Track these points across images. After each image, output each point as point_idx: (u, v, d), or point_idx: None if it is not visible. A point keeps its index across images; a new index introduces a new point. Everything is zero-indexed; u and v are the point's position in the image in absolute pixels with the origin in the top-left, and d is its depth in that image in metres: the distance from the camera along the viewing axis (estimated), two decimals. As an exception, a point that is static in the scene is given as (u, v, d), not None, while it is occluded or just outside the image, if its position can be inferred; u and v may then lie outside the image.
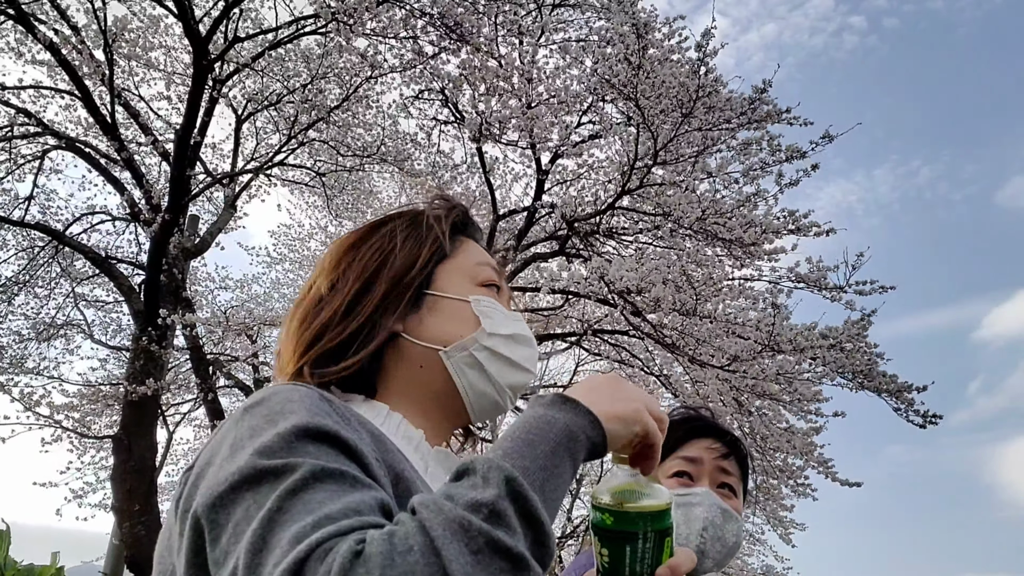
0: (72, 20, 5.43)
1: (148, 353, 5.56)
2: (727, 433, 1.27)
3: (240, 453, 0.58)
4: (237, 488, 0.55)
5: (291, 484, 0.53)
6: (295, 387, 0.66)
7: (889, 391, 4.85)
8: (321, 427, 0.59)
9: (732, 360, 4.66)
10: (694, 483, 1.21)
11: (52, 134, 6.42)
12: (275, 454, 0.56)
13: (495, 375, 0.81)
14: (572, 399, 0.65)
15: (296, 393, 0.64)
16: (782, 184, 4.90)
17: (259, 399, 0.64)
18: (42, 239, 7.28)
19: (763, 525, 9.39)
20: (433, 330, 0.81)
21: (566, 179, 6.09)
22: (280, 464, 0.55)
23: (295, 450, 0.56)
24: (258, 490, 0.54)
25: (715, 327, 4.68)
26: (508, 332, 0.83)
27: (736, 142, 5.04)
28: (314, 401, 0.63)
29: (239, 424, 0.62)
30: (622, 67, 4.51)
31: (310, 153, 7.50)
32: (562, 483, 0.61)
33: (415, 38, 5.19)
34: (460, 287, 0.84)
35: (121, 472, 5.43)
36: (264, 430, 0.59)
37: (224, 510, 0.55)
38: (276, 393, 0.64)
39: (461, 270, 0.86)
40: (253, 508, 0.54)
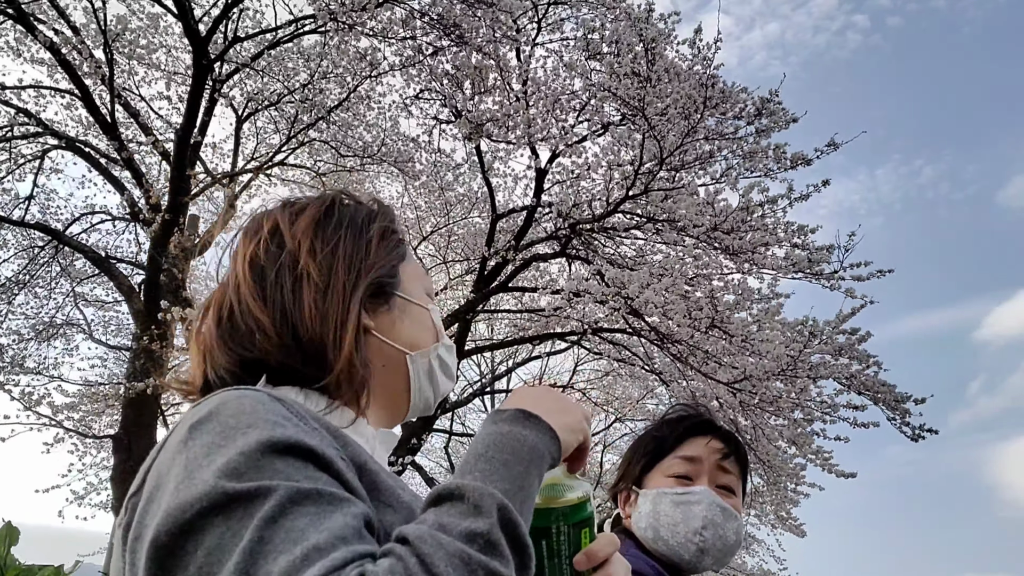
0: (72, 20, 5.43)
1: (148, 352, 5.56)
2: (726, 432, 1.27)
3: (200, 474, 0.54)
4: (205, 514, 0.52)
5: (268, 511, 0.51)
6: (242, 394, 0.62)
7: (886, 401, 4.87)
8: (286, 440, 0.56)
9: (742, 378, 4.66)
10: (693, 482, 1.21)
11: (52, 134, 6.42)
12: (242, 476, 0.53)
13: (439, 383, 0.85)
14: (534, 415, 0.66)
15: (247, 401, 0.61)
16: (791, 198, 4.89)
17: (206, 413, 0.60)
18: (42, 239, 7.28)
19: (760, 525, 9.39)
20: (403, 332, 0.81)
21: (565, 179, 6.09)
22: (252, 488, 0.52)
23: (263, 469, 0.54)
24: (230, 516, 0.52)
25: (731, 344, 4.67)
26: (449, 344, 0.87)
27: (742, 150, 5.04)
28: (269, 408, 0.60)
29: (189, 443, 0.58)
30: (629, 79, 4.50)
31: (310, 153, 7.50)
32: (532, 501, 0.62)
33: (414, 38, 5.19)
34: (420, 293, 0.85)
35: (121, 472, 5.43)
36: (222, 448, 0.56)
37: (192, 537, 0.52)
38: (224, 404, 0.61)
39: (418, 277, 0.87)
40: (228, 537, 0.51)
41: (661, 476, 1.24)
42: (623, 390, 9.85)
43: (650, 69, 4.44)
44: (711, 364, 4.86)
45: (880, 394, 4.89)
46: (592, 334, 6.04)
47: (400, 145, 6.63)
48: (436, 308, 0.87)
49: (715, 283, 4.97)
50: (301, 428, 0.60)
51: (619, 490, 1.31)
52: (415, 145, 6.60)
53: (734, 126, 4.87)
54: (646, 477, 1.26)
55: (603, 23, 5.06)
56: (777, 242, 4.93)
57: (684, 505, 1.18)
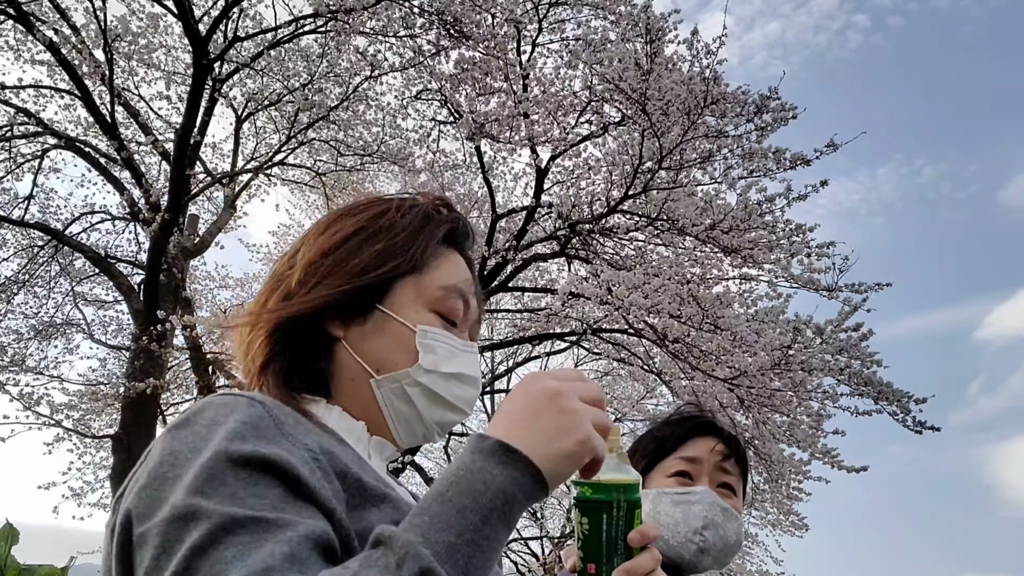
0: (72, 20, 5.43)
1: (148, 352, 5.56)
2: (727, 433, 1.27)
3: (164, 488, 0.56)
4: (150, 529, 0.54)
5: (199, 539, 0.51)
6: (223, 401, 0.64)
7: (888, 399, 4.87)
8: (242, 454, 0.56)
9: (739, 375, 4.65)
10: (694, 482, 1.21)
11: (52, 133, 6.42)
12: (188, 492, 0.54)
13: (423, 411, 0.78)
14: (513, 449, 0.58)
15: (224, 410, 0.62)
16: (790, 198, 4.89)
17: (185, 420, 0.62)
18: (42, 238, 7.28)
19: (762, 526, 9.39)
20: (372, 351, 0.77)
21: (565, 179, 6.09)
22: (189, 510, 0.53)
23: (209, 487, 0.54)
24: (167, 537, 0.53)
25: (723, 340, 4.66)
26: (449, 371, 0.78)
27: (741, 150, 5.04)
28: (243, 417, 0.60)
29: (163, 448, 0.60)
30: (631, 72, 4.49)
31: (310, 153, 7.50)
32: (493, 553, 0.56)
33: (414, 36, 5.19)
34: (413, 310, 0.79)
35: (120, 471, 5.43)
36: (186, 461, 0.57)
37: (138, 549, 0.55)
38: (203, 410, 0.62)
39: (421, 290, 0.80)
40: (163, 559, 0.52)
41: (662, 476, 1.24)
42: (623, 390, 9.86)
43: (651, 61, 4.43)
44: (709, 361, 4.85)
45: (881, 392, 4.89)
46: (592, 334, 6.04)
47: (399, 144, 6.63)
48: (436, 330, 0.79)
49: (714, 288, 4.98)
50: (268, 438, 0.60)
51: (620, 490, 1.31)
52: (415, 144, 6.60)
53: (734, 123, 4.87)
54: (647, 477, 1.26)
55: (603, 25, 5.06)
56: (776, 242, 4.93)
57: (684, 505, 1.18)
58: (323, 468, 0.61)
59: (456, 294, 0.81)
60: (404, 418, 0.78)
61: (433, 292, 0.80)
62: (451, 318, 0.81)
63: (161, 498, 0.55)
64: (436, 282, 0.81)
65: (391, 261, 0.79)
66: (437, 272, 0.82)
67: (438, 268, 0.82)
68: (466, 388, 0.81)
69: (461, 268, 0.85)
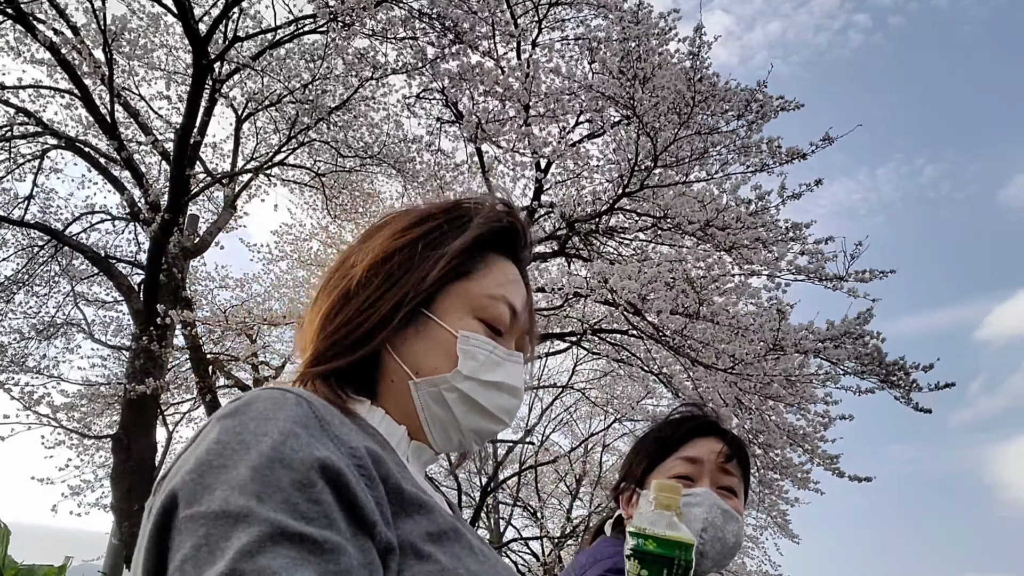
0: (71, 19, 5.43)
1: (148, 352, 5.56)
2: (729, 434, 1.27)
3: (211, 477, 0.55)
4: (194, 517, 0.53)
5: (248, 544, 0.51)
6: (271, 395, 0.63)
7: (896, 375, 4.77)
8: (296, 456, 0.56)
9: (736, 363, 4.65)
10: (694, 483, 1.21)
11: (52, 133, 6.42)
12: (242, 490, 0.53)
13: (460, 418, 0.77)
14: None
15: (272, 405, 0.61)
16: (784, 196, 4.88)
17: (234, 410, 0.61)
18: (42, 238, 7.28)
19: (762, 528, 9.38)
20: (412, 354, 0.77)
21: (565, 179, 6.09)
22: (241, 510, 0.52)
23: (264, 491, 0.54)
24: (212, 532, 0.52)
25: (717, 330, 4.66)
26: (489, 379, 0.78)
27: (735, 146, 5.04)
28: (292, 415, 0.60)
29: (209, 436, 0.59)
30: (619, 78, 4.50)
31: (310, 153, 7.50)
32: None
33: (414, 38, 5.19)
34: (457, 316, 0.78)
35: (120, 471, 5.43)
36: (235, 455, 0.56)
37: (177, 535, 0.54)
38: (252, 403, 0.61)
39: (467, 296, 0.80)
40: (204, 553, 0.51)
41: (663, 477, 1.23)
42: (622, 390, 9.85)
43: (637, 66, 4.44)
44: (708, 352, 4.84)
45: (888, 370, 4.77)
46: (592, 334, 6.03)
47: (400, 145, 6.62)
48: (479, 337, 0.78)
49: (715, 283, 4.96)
50: (316, 438, 0.59)
51: (621, 490, 1.30)
52: (415, 145, 6.60)
53: (725, 120, 4.86)
54: (648, 478, 1.25)
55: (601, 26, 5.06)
56: (773, 240, 4.92)
57: (684, 507, 1.17)
58: (367, 474, 0.60)
59: (502, 302, 0.81)
60: (440, 423, 0.78)
61: (479, 299, 0.80)
62: (496, 326, 0.80)
63: (207, 486, 0.54)
64: (483, 290, 0.81)
65: (439, 267, 0.78)
66: (485, 280, 0.81)
67: (487, 276, 0.81)
68: (506, 398, 0.80)
69: (511, 277, 0.84)
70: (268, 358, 8.46)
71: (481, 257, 0.82)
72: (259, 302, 8.81)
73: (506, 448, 10.52)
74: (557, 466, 11.47)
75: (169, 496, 0.56)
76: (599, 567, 1.18)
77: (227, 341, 8.06)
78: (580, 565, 1.23)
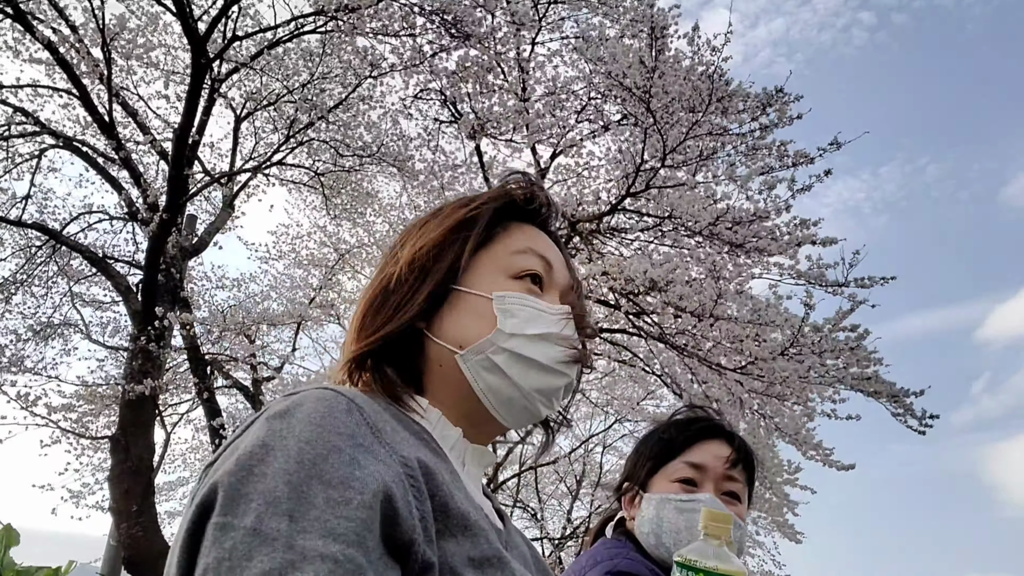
0: (70, 19, 5.41)
1: (146, 353, 5.54)
2: (736, 438, 1.25)
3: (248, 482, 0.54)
4: (222, 527, 0.53)
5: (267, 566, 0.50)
6: (321, 396, 0.61)
7: (887, 396, 4.85)
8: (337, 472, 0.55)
9: (749, 363, 4.63)
10: (698, 488, 1.19)
11: (50, 133, 6.40)
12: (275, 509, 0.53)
13: (518, 380, 0.74)
14: None
15: (323, 408, 0.59)
16: (794, 189, 4.87)
17: (283, 411, 0.60)
18: (39, 238, 7.26)
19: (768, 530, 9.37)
20: (451, 329, 0.75)
21: (566, 178, 6.08)
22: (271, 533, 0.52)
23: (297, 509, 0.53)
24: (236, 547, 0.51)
25: (732, 328, 4.63)
26: (535, 332, 0.75)
27: (744, 147, 5.02)
28: (340, 425, 0.58)
29: (254, 434, 0.58)
30: (635, 70, 4.47)
31: (309, 153, 7.48)
32: None
33: (414, 36, 5.17)
34: (490, 281, 0.77)
35: (118, 473, 5.41)
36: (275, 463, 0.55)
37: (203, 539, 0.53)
38: (302, 404, 0.60)
39: (495, 261, 0.79)
40: (225, 568, 0.51)
41: (666, 480, 1.22)
42: (623, 391, 9.84)
43: (656, 59, 4.41)
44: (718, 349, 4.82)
45: (877, 390, 4.86)
46: (592, 334, 6.01)
47: (399, 144, 6.61)
48: (514, 294, 0.76)
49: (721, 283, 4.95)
50: (365, 447, 0.58)
51: (624, 491, 1.29)
52: (415, 144, 6.58)
53: (738, 120, 4.85)
54: (652, 480, 1.24)
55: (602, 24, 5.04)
56: (780, 236, 4.91)
57: (688, 512, 1.16)
58: (417, 486, 0.59)
59: (531, 254, 0.79)
60: (499, 393, 0.74)
61: (506, 258, 0.79)
62: (531, 275, 0.79)
63: (244, 494, 0.53)
64: (508, 248, 0.80)
65: (461, 241, 0.78)
66: (508, 240, 0.80)
67: (509, 236, 0.81)
68: (559, 349, 0.76)
69: (538, 236, 0.83)
70: (267, 358, 8.44)
71: (503, 226, 0.81)
72: (258, 302, 8.80)
73: (506, 449, 10.50)
74: (557, 467, 11.47)
75: (209, 491, 0.55)
76: (600, 569, 1.16)
77: (225, 341, 8.04)
78: (580, 566, 1.22)
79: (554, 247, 0.84)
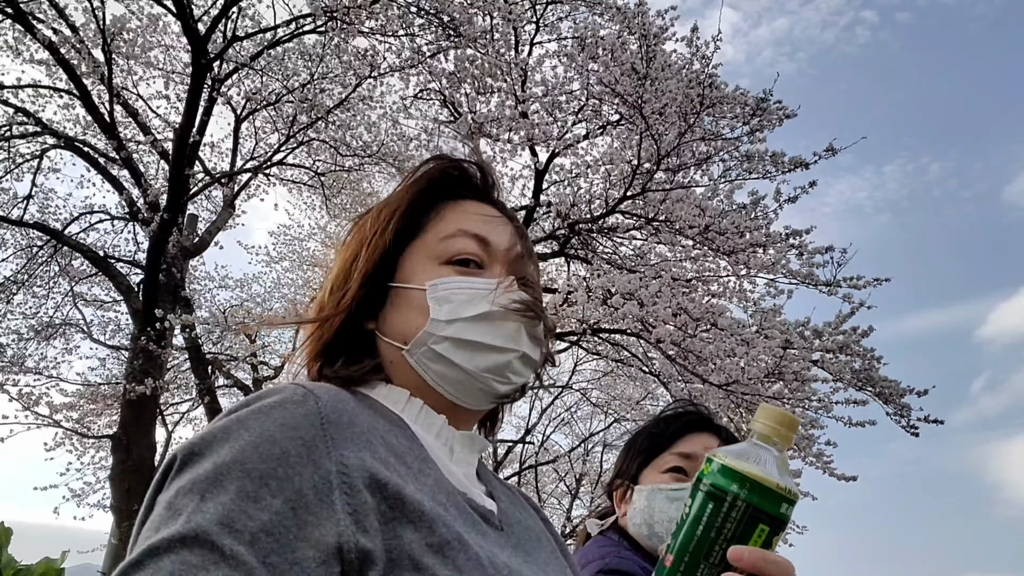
0: (71, 19, 5.43)
1: (147, 352, 5.55)
2: (723, 429, 1.27)
3: (187, 463, 0.58)
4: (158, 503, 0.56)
5: (160, 543, 0.52)
6: (290, 391, 0.63)
7: (888, 396, 4.87)
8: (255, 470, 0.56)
9: (732, 382, 4.66)
10: (689, 478, 1.21)
11: (51, 133, 6.42)
12: (193, 487, 0.55)
13: (465, 364, 0.73)
14: None
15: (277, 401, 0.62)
16: (780, 201, 4.90)
17: (245, 401, 0.63)
18: (41, 238, 7.27)
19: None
20: (395, 326, 0.76)
21: (564, 179, 6.09)
22: (179, 508, 0.54)
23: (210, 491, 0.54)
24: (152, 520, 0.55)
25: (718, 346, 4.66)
26: (475, 312, 0.73)
27: (739, 152, 5.04)
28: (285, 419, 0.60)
29: (212, 423, 0.62)
30: (626, 76, 4.49)
31: (309, 153, 7.49)
32: None
33: (412, 36, 5.19)
34: (422, 271, 0.76)
35: (120, 472, 5.43)
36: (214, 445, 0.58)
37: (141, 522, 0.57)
38: (263, 397, 0.63)
39: (427, 249, 0.77)
40: (137, 540, 0.54)
41: (657, 472, 1.23)
42: (622, 390, 9.85)
43: (647, 66, 4.43)
44: (705, 365, 4.85)
45: (882, 388, 4.87)
46: (592, 334, 6.03)
47: (399, 144, 6.62)
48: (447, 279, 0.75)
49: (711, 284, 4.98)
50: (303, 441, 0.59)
51: (615, 487, 1.30)
52: (414, 144, 6.59)
53: (730, 125, 4.86)
54: (642, 474, 1.25)
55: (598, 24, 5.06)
56: (772, 243, 4.93)
57: (679, 501, 1.17)
58: (349, 483, 0.58)
59: (461, 236, 0.77)
60: (449, 379, 0.74)
61: (436, 245, 0.77)
62: (464, 258, 0.76)
63: (181, 472, 0.57)
64: (438, 234, 0.78)
65: (386, 236, 0.77)
66: (439, 225, 0.79)
67: (439, 222, 0.79)
68: (502, 324, 0.74)
69: (468, 211, 0.80)
70: (267, 358, 8.46)
71: (431, 209, 0.80)
72: (259, 302, 8.82)
73: (506, 448, 10.52)
74: (557, 466, 11.48)
75: (167, 464, 0.59)
76: (590, 568, 1.17)
77: (226, 341, 8.06)
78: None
79: (493, 218, 0.81)
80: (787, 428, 0.59)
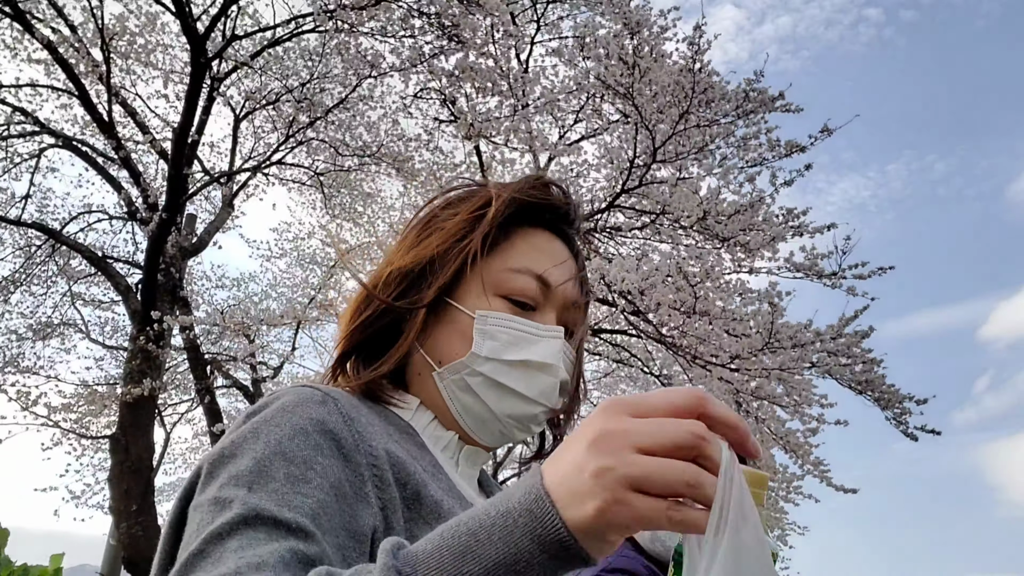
0: (69, 18, 5.41)
1: (145, 353, 5.53)
2: None
3: (217, 468, 0.58)
4: (198, 507, 0.56)
5: (221, 527, 0.52)
6: (306, 393, 0.64)
7: (887, 400, 4.85)
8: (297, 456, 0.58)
9: (733, 358, 4.64)
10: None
11: (49, 133, 6.40)
12: (237, 481, 0.56)
13: (492, 405, 0.72)
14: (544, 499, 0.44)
15: (295, 399, 0.63)
16: (777, 184, 4.89)
17: (261, 405, 0.65)
18: (39, 238, 7.25)
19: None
20: (435, 343, 0.74)
21: (564, 178, 6.08)
22: (230, 497, 0.55)
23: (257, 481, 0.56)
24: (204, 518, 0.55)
25: (715, 325, 4.66)
26: (515, 357, 0.71)
27: (735, 138, 5.03)
28: (312, 412, 0.62)
29: (234, 430, 0.63)
30: (617, 67, 4.49)
31: (308, 152, 7.47)
32: None
33: (413, 37, 5.17)
34: (476, 296, 0.74)
35: (118, 472, 5.40)
36: (244, 446, 0.59)
37: (189, 520, 0.57)
38: (277, 398, 0.65)
39: (488, 274, 0.75)
40: (192, 536, 0.54)
41: None
42: (623, 390, 9.83)
43: (636, 55, 4.43)
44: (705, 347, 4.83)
45: (881, 394, 4.87)
46: (592, 334, 6.02)
47: (398, 144, 6.60)
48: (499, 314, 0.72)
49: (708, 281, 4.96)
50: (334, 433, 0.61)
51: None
52: (414, 144, 6.58)
53: (723, 111, 4.86)
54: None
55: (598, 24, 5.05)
56: (770, 227, 4.91)
57: None
58: (380, 476, 0.61)
59: (525, 274, 0.74)
60: (472, 413, 0.73)
61: (499, 275, 0.74)
62: (520, 300, 0.74)
63: (214, 476, 0.58)
64: (504, 264, 0.75)
65: (454, 250, 0.75)
66: (507, 254, 0.76)
67: (509, 250, 0.76)
68: (540, 376, 0.72)
69: (542, 247, 0.77)
70: (266, 358, 8.44)
71: (505, 233, 0.76)
72: (256, 302, 8.79)
73: (506, 448, 10.51)
74: (556, 466, 11.44)
75: (193, 476, 0.61)
76: (590, 570, 1.16)
77: (225, 341, 8.03)
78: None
79: (562, 256, 0.78)
80: (756, 486, 0.55)
